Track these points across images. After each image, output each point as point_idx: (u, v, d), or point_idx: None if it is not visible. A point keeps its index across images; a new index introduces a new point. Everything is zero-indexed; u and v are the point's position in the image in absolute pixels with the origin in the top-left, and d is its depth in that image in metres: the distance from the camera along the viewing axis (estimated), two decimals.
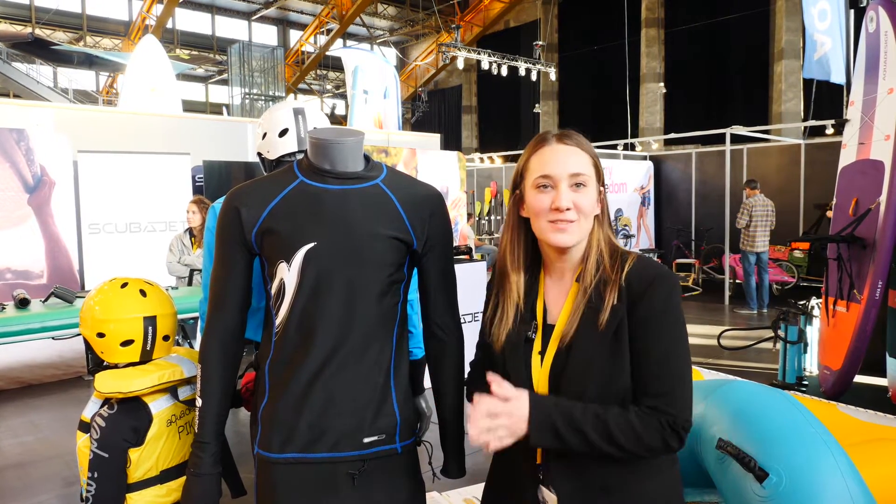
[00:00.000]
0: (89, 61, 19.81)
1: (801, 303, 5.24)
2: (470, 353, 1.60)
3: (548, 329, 1.32)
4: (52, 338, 4.43)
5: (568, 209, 1.24)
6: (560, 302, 1.32)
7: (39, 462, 3.89)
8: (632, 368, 1.23)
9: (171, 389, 1.77)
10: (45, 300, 4.56)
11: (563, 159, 1.26)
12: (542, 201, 1.26)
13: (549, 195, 1.26)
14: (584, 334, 1.24)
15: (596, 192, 1.28)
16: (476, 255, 6.72)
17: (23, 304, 4.38)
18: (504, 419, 1.19)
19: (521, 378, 1.31)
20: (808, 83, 13.43)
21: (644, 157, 12.68)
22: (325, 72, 26.60)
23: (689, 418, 1.21)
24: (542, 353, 1.30)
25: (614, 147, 12.68)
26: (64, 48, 19.03)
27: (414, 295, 1.77)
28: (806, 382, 4.98)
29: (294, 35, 26.42)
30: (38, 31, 20.59)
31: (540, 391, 1.29)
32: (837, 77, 6.28)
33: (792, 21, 14.89)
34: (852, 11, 6.53)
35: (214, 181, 7.59)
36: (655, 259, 1.26)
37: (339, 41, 24.03)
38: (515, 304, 1.34)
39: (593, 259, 1.28)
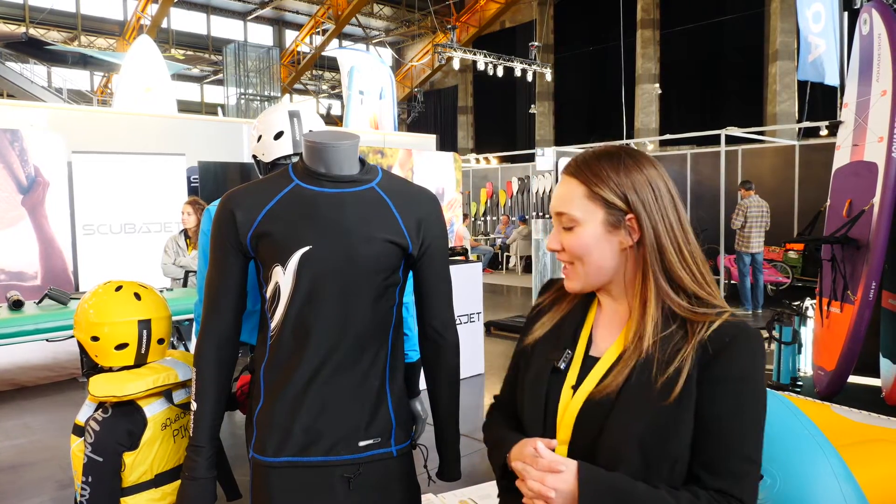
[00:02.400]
0: (84, 61, 19.74)
1: (796, 304, 5.26)
2: (465, 355, 1.60)
3: (589, 361, 1.12)
4: (46, 339, 4.41)
5: (555, 251, 1.14)
6: (609, 336, 1.13)
7: (33, 465, 3.87)
8: (697, 437, 1.02)
9: (166, 393, 1.77)
10: (39, 302, 4.54)
11: (556, 195, 1.15)
12: None
13: None
14: (640, 378, 1.03)
15: (598, 230, 1.09)
16: (472, 256, 6.72)
17: (16, 305, 4.36)
18: (549, 493, 0.99)
19: (538, 414, 1.13)
20: (802, 85, 13.47)
21: None
22: (320, 72, 26.56)
23: (755, 500, 1.04)
24: (576, 388, 1.10)
25: None
26: (58, 48, 18.96)
27: (409, 298, 1.77)
28: (800, 383, 5.00)
29: (290, 35, 26.37)
30: (32, 31, 20.53)
31: (561, 434, 1.10)
32: (831, 79, 6.30)
33: (786, 23, 14.94)
34: (846, 14, 6.55)
35: (210, 182, 7.56)
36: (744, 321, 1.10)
37: (335, 41, 23.99)
38: (562, 334, 1.18)
39: (650, 324, 1.05)
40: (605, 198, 1.08)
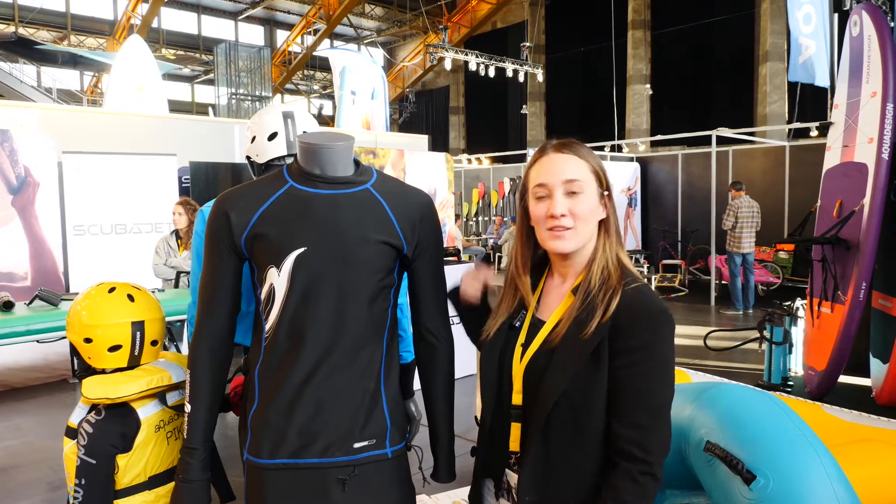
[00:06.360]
0: (74, 61, 19.60)
1: (787, 304, 5.29)
2: (459, 356, 1.60)
3: (536, 323, 1.33)
4: (37, 341, 4.38)
5: (563, 216, 1.26)
6: (555, 302, 1.33)
7: (24, 466, 3.84)
8: (610, 396, 1.22)
9: (160, 395, 1.76)
10: (30, 303, 4.51)
11: (558, 168, 1.28)
12: (540, 210, 1.30)
13: (546, 203, 1.29)
14: (570, 341, 1.24)
15: (595, 198, 1.29)
16: (464, 257, 6.72)
17: (7, 306, 4.33)
18: None
19: (494, 368, 1.33)
20: (792, 86, 13.55)
21: (631, 159, 12.74)
22: (312, 72, 26.50)
23: (663, 457, 1.22)
24: (525, 346, 1.31)
25: (601, 149, 12.73)
26: (48, 48, 18.81)
27: (404, 299, 1.77)
28: (791, 383, 5.02)
29: (281, 35, 26.30)
30: (21, 30, 20.38)
31: (515, 385, 1.30)
32: (822, 80, 6.35)
33: (776, 24, 15.02)
34: (836, 15, 6.60)
35: (201, 182, 7.53)
36: (654, 292, 1.25)
37: (327, 41, 23.95)
38: (518, 302, 1.37)
39: (597, 271, 1.28)
40: (599, 174, 1.30)
